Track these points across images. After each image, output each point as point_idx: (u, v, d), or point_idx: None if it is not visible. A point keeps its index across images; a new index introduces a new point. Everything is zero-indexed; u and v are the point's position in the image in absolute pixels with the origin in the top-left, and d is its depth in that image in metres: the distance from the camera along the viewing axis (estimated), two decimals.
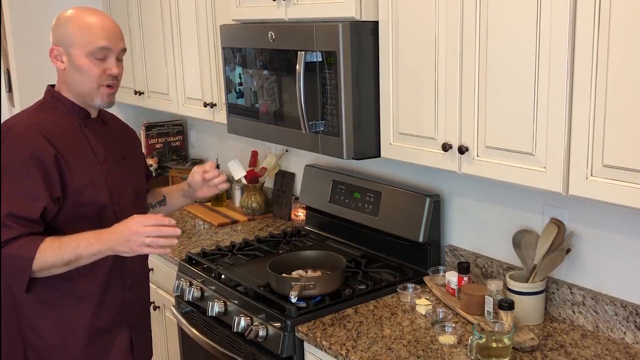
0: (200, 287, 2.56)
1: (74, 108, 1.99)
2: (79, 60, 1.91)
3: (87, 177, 1.92)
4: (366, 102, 2.24)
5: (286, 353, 2.16)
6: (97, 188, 1.95)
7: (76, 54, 1.91)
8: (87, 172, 1.93)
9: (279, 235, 2.99)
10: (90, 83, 1.94)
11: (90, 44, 1.90)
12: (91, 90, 1.95)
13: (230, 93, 2.79)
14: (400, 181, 2.66)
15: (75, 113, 1.99)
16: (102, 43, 1.91)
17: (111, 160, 2.03)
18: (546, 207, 2.17)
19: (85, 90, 1.95)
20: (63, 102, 1.98)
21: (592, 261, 2.08)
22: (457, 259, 2.47)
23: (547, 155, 1.76)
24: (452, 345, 1.99)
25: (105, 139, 2.05)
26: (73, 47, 1.91)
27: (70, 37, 1.91)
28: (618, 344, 1.98)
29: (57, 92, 2.00)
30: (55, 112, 1.97)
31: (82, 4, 2.10)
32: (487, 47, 1.86)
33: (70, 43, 1.91)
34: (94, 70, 1.92)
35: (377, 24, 2.19)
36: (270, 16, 2.50)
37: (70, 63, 1.93)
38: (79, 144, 1.96)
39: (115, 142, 2.10)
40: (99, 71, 1.93)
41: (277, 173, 3.35)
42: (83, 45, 1.90)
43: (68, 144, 1.92)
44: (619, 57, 1.57)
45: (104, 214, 1.97)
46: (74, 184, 1.89)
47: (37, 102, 2.02)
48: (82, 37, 1.90)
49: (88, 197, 1.92)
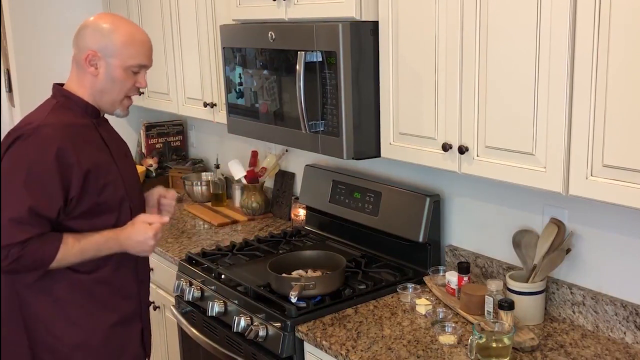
0: (200, 287, 2.56)
1: (87, 108, 2.00)
2: (116, 72, 1.96)
3: (108, 176, 1.96)
4: (366, 102, 2.24)
5: (286, 353, 2.16)
6: (116, 186, 1.99)
7: (115, 65, 1.95)
8: (107, 172, 1.96)
9: (279, 235, 2.99)
10: (119, 94, 2.00)
11: (133, 60, 1.96)
12: (117, 100, 2.01)
13: (230, 93, 2.79)
14: (400, 181, 2.66)
15: (89, 113, 2.01)
16: (144, 62, 2.00)
17: (120, 157, 2.07)
18: (546, 207, 2.17)
19: (111, 99, 2.00)
20: (77, 102, 1.99)
21: (592, 261, 2.08)
22: (457, 259, 2.47)
23: (547, 155, 1.76)
24: (452, 345, 1.99)
25: (112, 137, 2.10)
26: (114, 57, 1.95)
27: (112, 47, 1.94)
28: (618, 344, 1.98)
29: (69, 92, 2.00)
30: (70, 113, 1.97)
31: (83, 4, 2.10)
32: (487, 47, 1.86)
33: (112, 53, 1.94)
34: (127, 83, 1.98)
35: (377, 24, 2.19)
36: (270, 16, 2.50)
37: (106, 71, 1.96)
38: (97, 144, 1.99)
39: (118, 139, 2.15)
40: (131, 84, 2.00)
41: (277, 173, 3.35)
42: (125, 58, 1.95)
43: (90, 144, 1.95)
44: (619, 57, 1.57)
45: (121, 211, 2.01)
46: (97, 184, 1.92)
47: (51, 102, 2.00)
48: (126, 51, 1.95)
49: (107, 195, 1.96)
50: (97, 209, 1.95)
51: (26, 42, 3.75)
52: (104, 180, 1.94)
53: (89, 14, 2.07)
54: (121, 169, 2.04)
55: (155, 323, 3.13)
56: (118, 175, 2.01)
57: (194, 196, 3.64)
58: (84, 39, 1.96)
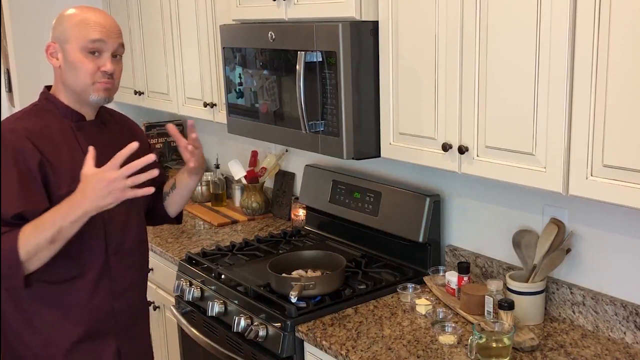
0: (200, 287, 2.56)
1: (67, 111, 1.94)
2: (73, 56, 1.87)
3: (74, 184, 1.80)
4: (366, 102, 2.24)
5: (286, 353, 2.16)
6: None
7: (70, 49, 1.87)
8: (74, 180, 1.81)
9: (279, 235, 2.99)
10: (84, 79, 1.88)
11: (84, 38, 1.86)
12: (86, 86, 1.89)
13: (230, 93, 2.79)
14: (400, 181, 2.66)
15: (68, 116, 1.94)
16: (95, 36, 1.86)
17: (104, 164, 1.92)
18: (546, 207, 2.17)
19: (79, 88, 1.90)
20: (56, 105, 1.94)
21: (592, 261, 2.08)
22: (457, 259, 2.47)
23: (547, 155, 1.76)
24: (452, 345, 1.99)
25: (101, 142, 1.94)
26: (67, 42, 1.87)
27: (65, 33, 1.88)
28: (618, 344, 1.98)
29: (51, 95, 1.95)
30: (47, 115, 1.92)
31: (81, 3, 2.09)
32: (487, 47, 1.86)
33: (65, 39, 1.88)
34: (87, 65, 1.87)
35: (377, 24, 2.19)
36: (270, 16, 2.50)
37: (65, 59, 1.88)
38: (69, 149, 1.90)
39: (113, 145, 1.96)
40: (92, 67, 1.87)
41: (277, 173, 3.35)
42: (76, 39, 1.86)
43: (57, 149, 1.87)
44: (619, 57, 1.57)
45: (90, 221, 1.82)
46: (59, 191, 1.83)
47: (31, 105, 1.97)
48: (76, 32, 1.86)
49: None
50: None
51: (26, 42, 3.76)
52: (67, 188, 1.81)
53: None
54: None
55: (156, 323, 3.14)
56: None
57: (194, 196, 3.64)
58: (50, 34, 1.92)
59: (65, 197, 1.80)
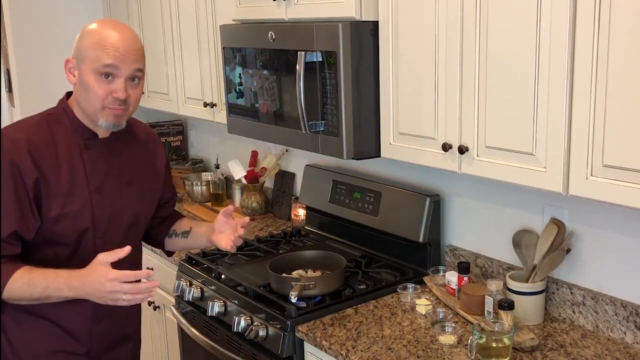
0: (200, 287, 2.56)
1: (78, 126, 1.86)
2: (86, 77, 1.78)
3: (68, 206, 1.80)
4: (366, 102, 2.24)
5: (286, 353, 2.16)
6: (77, 219, 1.82)
7: (84, 70, 1.78)
8: (69, 201, 1.80)
9: (279, 235, 2.99)
10: (94, 103, 1.79)
11: (97, 61, 1.76)
12: (95, 110, 1.81)
13: (230, 93, 2.79)
14: (400, 181, 2.66)
15: (79, 132, 1.86)
16: (108, 61, 1.76)
17: (109, 186, 1.89)
18: (546, 207, 2.17)
19: (89, 110, 1.82)
20: (70, 118, 1.86)
21: (592, 261, 2.08)
22: (457, 259, 2.47)
23: (547, 155, 1.76)
24: (452, 345, 1.99)
25: (109, 162, 1.90)
26: (83, 62, 1.79)
27: (82, 51, 1.79)
28: (618, 344, 1.98)
29: (68, 106, 1.87)
30: (58, 127, 1.85)
31: (82, 4, 2.07)
32: (487, 47, 1.86)
33: (82, 58, 1.79)
34: (98, 90, 1.78)
35: (377, 24, 2.19)
36: (270, 16, 2.50)
37: (80, 79, 1.80)
38: (72, 168, 1.83)
39: (123, 165, 1.95)
40: (103, 92, 1.78)
41: (277, 173, 3.35)
42: (91, 61, 1.77)
43: (57, 167, 1.80)
44: (619, 57, 1.57)
45: (81, 243, 1.85)
46: (49, 214, 1.78)
47: (45, 112, 1.89)
48: (90, 53, 1.77)
49: (63, 226, 1.81)
50: (50, 237, 1.80)
51: (26, 42, 3.75)
52: (60, 209, 1.79)
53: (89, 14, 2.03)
54: (97, 201, 1.85)
55: (156, 323, 3.14)
56: (86, 207, 1.83)
57: (194, 196, 3.64)
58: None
59: (54, 219, 1.79)
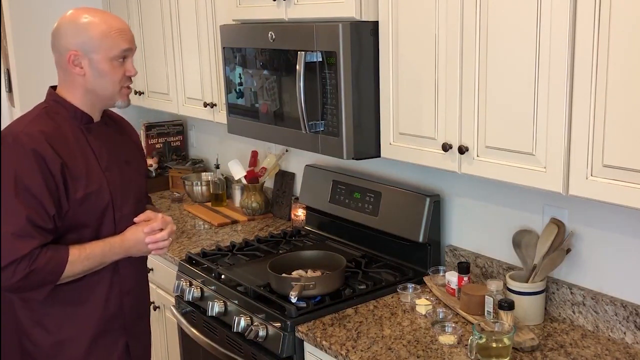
0: (200, 287, 2.56)
1: (76, 113, 1.95)
2: (102, 65, 1.91)
3: (90, 186, 1.91)
4: (366, 102, 2.24)
5: (286, 353, 2.16)
6: (99, 197, 1.93)
7: (99, 59, 1.91)
8: (89, 182, 1.91)
9: (279, 235, 2.99)
10: (113, 86, 1.95)
11: (115, 49, 1.92)
12: (114, 93, 1.97)
13: (230, 93, 2.79)
14: (400, 181, 2.66)
15: (77, 119, 1.96)
16: (125, 45, 1.94)
17: (114, 166, 2.01)
18: (546, 207, 2.17)
19: (108, 94, 1.96)
20: (66, 107, 1.95)
21: (592, 261, 2.08)
22: (457, 259, 2.47)
23: (547, 155, 1.76)
24: (452, 345, 1.99)
25: (109, 143, 2.03)
26: (95, 52, 1.90)
27: (92, 42, 1.89)
28: (618, 344, 1.98)
29: (59, 97, 1.96)
30: (58, 118, 1.93)
31: (82, 4, 2.09)
32: (487, 47, 1.86)
33: (92, 49, 1.90)
34: (115, 74, 1.94)
35: (377, 24, 2.18)
36: (270, 16, 2.50)
37: (92, 68, 1.92)
38: (83, 152, 1.93)
39: (119, 146, 2.08)
40: (120, 74, 1.95)
41: (277, 173, 3.35)
42: (107, 50, 1.91)
43: (72, 153, 1.90)
44: (619, 57, 1.57)
45: (102, 222, 1.96)
46: (76, 195, 1.88)
47: (40, 107, 1.97)
48: (105, 43, 1.90)
49: (88, 206, 1.91)
50: (76, 219, 1.90)
51: (26, 42, 3.76)
52: (84, 191, 1.89)
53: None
54: (110, 179, 1.97)
55: (156, 323, 3.14)
56: (104, 186, 1.95)
57: (194, 196, 3.64)
58: (60, 40, 1.92)
59: (81, 200, 1.89)
